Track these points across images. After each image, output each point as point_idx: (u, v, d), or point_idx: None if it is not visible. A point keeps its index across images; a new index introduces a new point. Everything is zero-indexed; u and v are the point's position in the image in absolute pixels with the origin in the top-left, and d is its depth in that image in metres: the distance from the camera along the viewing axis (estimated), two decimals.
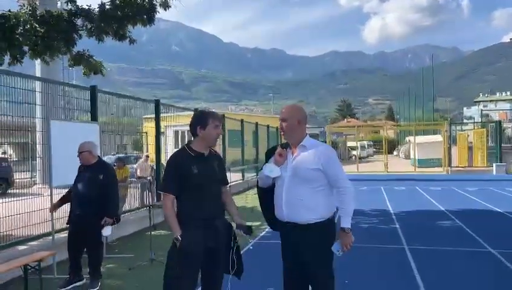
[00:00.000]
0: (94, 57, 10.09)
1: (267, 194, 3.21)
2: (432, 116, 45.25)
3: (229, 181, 3.39)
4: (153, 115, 9.40)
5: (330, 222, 3.04)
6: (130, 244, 7.16)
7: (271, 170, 3.09)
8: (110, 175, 4.99)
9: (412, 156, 28.47)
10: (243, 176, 16.36)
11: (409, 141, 31.22)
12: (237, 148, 16.46)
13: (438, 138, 25.64)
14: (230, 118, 15.87)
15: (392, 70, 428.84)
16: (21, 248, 5.61)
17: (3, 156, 13.89)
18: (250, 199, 12.78)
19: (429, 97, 48.43)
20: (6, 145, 10.72)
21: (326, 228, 3.00)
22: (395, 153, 44.77)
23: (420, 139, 27.26)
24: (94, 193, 4.75)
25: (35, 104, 6.66)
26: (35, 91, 6.64)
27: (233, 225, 3.15)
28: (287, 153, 3.10)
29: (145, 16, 9.48)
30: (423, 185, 15.87)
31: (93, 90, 7.36)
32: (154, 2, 9.53)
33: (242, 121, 16.31)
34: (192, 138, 3.14)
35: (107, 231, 4.89)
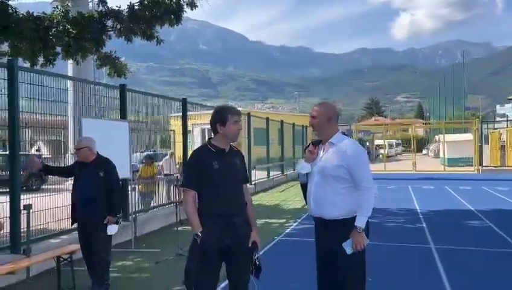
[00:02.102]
0: (121, 59, 10.33)
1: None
2: (462, 114, 44.05)
3: (250, 179, 3.43)
4: (180, 114, 9.57)
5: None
6: (158, 239, 7.34)
7: (302, 166, 3.18)
8: (111, 171, 4.64)
9: (441, 155, 27.85)
10: (268, 174, 16.43)
11: (439, 139, 30.52)
12: (263, 146, 16.53)
13: (469, 136, 24.99)
14: (256, 116, 15.95)
15: (422, 67, 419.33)
16: (54, 241, 5.85)
17: (37, 153, 14.38)
18: (275, 197, 12.85)
19: (460, 94, 47.16)
20: (40, 143, 11.12)
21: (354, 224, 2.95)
22: (424, 151, 43.89)
23: (450, 137, 26.62)
24: (96, 192, 4.45)
25: (67, 103, 6.91)
26: (67, 90, 6.90)
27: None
28: (319, 149, 3.16)
29: (172, 16, 9.65)
30: (452, 185, 15.53)
31: (122, 89, 7.56)
32: (182, 2, 9.68)
33: (267, 119, 16.37)
34: (213, 135, 3.16)
35: (111, 230, 4.53)
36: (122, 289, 4.82)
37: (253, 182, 13.87)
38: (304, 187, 3.30)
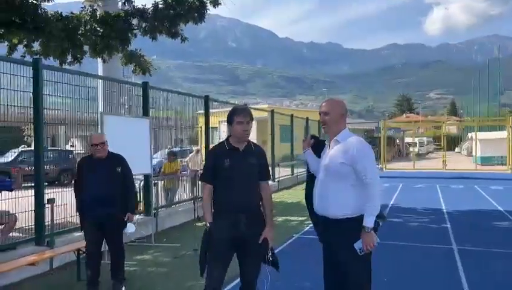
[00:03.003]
0: (145, 57, 10.53)
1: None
2: (498, 111, 42.51)
3: (274, 176, 3.52)
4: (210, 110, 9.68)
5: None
6: (178, 234, 7.46)
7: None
8: (127, 166, 4.54)
9: (473, 154, 27.01)
10: (292, 171, 16.37)
11: (471, 137, 29.60)
12: (288, 143, 16.48)
13: (503, 134, 24.09)
14: (280, 113, 15.90)
15: (456, 63, 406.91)
16: (79, 233, 6.03)
17: (71, 148, 14.85)
18: (298, 194, 12.79)
19: (496, 91, 45.56)
20: (74, 139, 11.48)
21: (359, 223, 2.87)
22: (457, 150, 42.69)
23: (482, 135, 25.76)
24: (115, 188, 4.35)
25: (96, 100, 7.12)
26: (96, 88, 7.11)
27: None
28: (326, 146, 3.19)
29: (196, 14, 9.76)
30: (483, 184, 15.03)
31: (145, 86, 7.70)
32: (204, 0, 9.78)
33: (291, 116, 16.31)
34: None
35: (131, 228, 4.43)
36: (140, 283, 4.93)
37: (276, 179, 13.88)
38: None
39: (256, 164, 3.27)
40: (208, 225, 3.15)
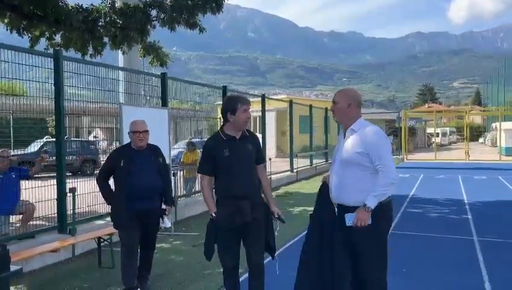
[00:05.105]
0: (163, 48, 10.59)
1: None
2: None
3: (292, 167, 3.55)
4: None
5: (382, 206, 2.93)
6: (197, 223, 7.55)
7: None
8: (164, 157, 4.29)
9: (498, 144, 26.36)
10: (311, 161, 16.29)
11: (495, 127, 28.86)
12: (307, 134, 16.38)
13: None
14: (299, 103, 15.79)
15: (481, 51, 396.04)
16: (101, 222, 6.18)
17: (94, 139, 15.15)
18: (316, 185, 12.67)
19: None
20: (98, 130, 11.66)
21: (376, 211, 2.90)
22: (481, 140, 41.74)
23: (507, 125, 25.09)
24: (160, 180, 4.09)
25: (118, 92, 7.21)
26: (118, 80, 7.20)
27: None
28: (341, 135, 3.24)
29: (214, 4, 9.76)
30: (508, 175, 14.67)
31: (163, 77, 7.77)
32: None
33: (310, 106, 16.19)
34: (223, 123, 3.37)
35: (167, 223, 4.22)
36: (159, 270, 5.01)
37: (295, 170, 13.85)
38: None
39: (253, 151, 3.36)
40: (214, 214, 3.24)
